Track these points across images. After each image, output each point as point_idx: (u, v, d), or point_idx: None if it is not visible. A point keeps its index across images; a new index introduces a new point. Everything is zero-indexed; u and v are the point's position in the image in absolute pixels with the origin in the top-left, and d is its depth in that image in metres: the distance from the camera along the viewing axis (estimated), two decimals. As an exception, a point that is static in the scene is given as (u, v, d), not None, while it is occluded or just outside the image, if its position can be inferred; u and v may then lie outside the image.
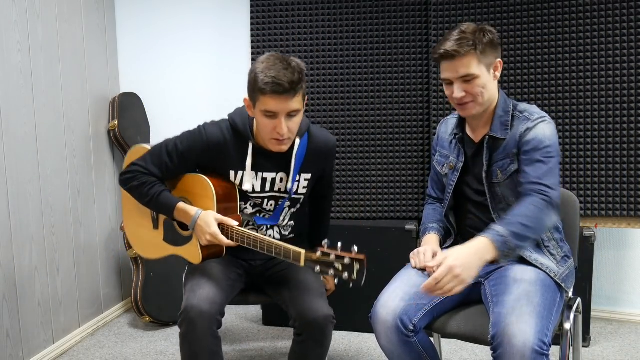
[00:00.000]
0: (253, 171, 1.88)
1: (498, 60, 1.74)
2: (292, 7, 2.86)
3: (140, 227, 2.08)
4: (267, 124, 1.73)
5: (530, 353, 1.46)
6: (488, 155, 1.77)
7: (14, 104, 2.37)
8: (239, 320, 3.04)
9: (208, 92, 3.14)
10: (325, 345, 1.84)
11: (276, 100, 1.67)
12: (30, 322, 2.47)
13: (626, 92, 2.52)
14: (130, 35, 3.16)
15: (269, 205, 1.95)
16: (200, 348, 1.73)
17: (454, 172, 1.86)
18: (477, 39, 1.67)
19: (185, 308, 1.72)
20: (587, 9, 2.53)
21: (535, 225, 1.60)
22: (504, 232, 1.57)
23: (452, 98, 1.73)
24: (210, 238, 1.78)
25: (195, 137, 1.86)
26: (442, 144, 1.95)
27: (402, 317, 1.64)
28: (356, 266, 1.53)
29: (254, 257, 2.00)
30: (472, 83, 1.69)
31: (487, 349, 1.56)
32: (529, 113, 1.76)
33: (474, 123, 1.83)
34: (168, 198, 1.87)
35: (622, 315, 2.90)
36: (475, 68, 1.67)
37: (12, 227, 2.36)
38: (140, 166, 1.90)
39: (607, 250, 2.88)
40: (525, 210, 1.62)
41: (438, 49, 1.70)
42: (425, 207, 2.04)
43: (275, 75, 1.65)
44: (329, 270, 1.56)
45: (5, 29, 2.32)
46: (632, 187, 2.56)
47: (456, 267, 1.51)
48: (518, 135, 1.73)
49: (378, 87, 2.83)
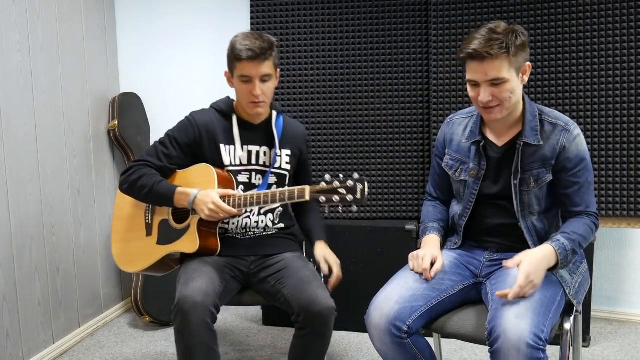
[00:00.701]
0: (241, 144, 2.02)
1: (527, 64, 1.67)
2: (292, 7, 2.86)
3: (130, 241, 2.09)
4: (244, 89, 1.94)
5: (525, 347, 1.46)
6: (520, 162, 1.72)
7: (14, 104, 2.37)
8: (239, 320, 3.04)
9: (208, 92, 3.12)
10: (327, 338, 1.86)
11: (250, 64, 1.89)
12: (30, 322, 2.47)
13: (626, 92, 2.52)
14: (130, 35, 3.16)
15: (257, 180, 2.04)
16: (194, 342, 1.72)
17: (476, 180, 1.80)
18: (509, 41, 1.58)
19: (178, 300, 1.73)
20: (587, 9, 2.53)
21: (586, 243, 1.70)
22: (568, 246, 1.64)
23: (478, 101, 1.66)
24: (212, 207, 1.84)
25: (185, 124, 2.04)
26: (454, 146, 1.86)
27: (395, 320, 1.64)
28: (359, 186, 1.73)
29: (249, 253, 2.02)
30: (501, 87, 1.61)
31: (487, 349, 1.56)
32: (562, 121, 1.72)
33: (498, 127, 1.76)
34: (166, 185, 1.97)
35: (622, 315, 2.90)
36: (506, 72, 1.60)
37: (12, 227, 2.36)
38: (138, 161, 2.02)
39: (607, 250, 2.88)
40: (583, 230, 1.69)
41: (466, 47, 1.61)
42: (425, 204, 2.01)
43: (249, 43, 1.89)
44: (334, 197, 1.75)
45: (5, 29, 2.33)
46: (632, 187, 2.56)
47: (531, 273, 1.56)
48: (559, 147, 1.69)
49: (378, 87, 2.83)
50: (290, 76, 2.89)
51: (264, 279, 1.98)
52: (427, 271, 1.73)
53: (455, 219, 1.89)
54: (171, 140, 2.01)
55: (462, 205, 1.86)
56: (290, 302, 1.84)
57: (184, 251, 1.95)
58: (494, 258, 1.83)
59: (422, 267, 1.74)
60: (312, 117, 2.89)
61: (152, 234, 2.04)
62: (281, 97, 2.90)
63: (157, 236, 2.02)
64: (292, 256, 2.03)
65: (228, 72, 2.00)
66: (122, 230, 2.11)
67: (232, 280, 1.95)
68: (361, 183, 1.73)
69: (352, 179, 1.74)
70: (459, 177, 1.85)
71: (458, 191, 1.88)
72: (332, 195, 1.75)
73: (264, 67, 1.91)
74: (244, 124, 2.05)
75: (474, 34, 1.63)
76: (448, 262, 1.82)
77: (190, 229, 1.94)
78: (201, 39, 3.11)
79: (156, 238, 2.02)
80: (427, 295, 1.71)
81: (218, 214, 1.86)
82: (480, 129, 1.81)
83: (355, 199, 1.73)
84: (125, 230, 2.11)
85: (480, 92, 1.64)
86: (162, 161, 2.00)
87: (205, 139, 2.00)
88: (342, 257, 2.67)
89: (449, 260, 1.83)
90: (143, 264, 2.04)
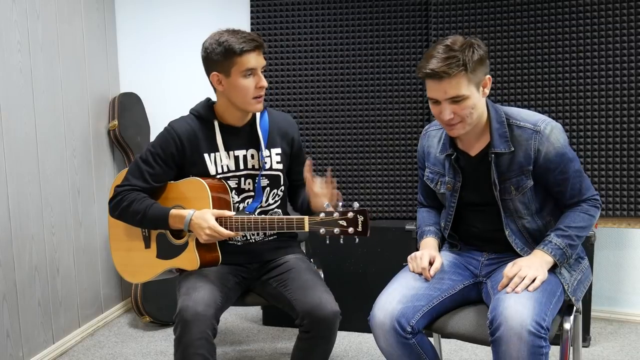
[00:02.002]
0: (225, 151, 1.94)
1: (487, 77, 1.65)
2: (292, 7, 2.86)
3: (130, 251, 2.04)
4: (248, 84, 1.84)
5: (527, 334, 1.46)
6: (496, 173, 1.71)
7: (14, 104, 2.37)
8: (239, 320, 3.04)
9: (208, 92, 3.13)
10: (331, 342, 1.85)
11: (253, 54, 1.82)
12: (30, 322, 2.47)
13: (626, 92, 2.52)
14: (130, 35, 3.16)
15: (247, 184, 1.97)
16: (193, 352, 1.69)
17: (453, 193, 1.81)
18: (466, 58, 1.56)
19: (180, 310, 1.71)
20: (587, 9, 2.53)
21: (586, 232, 1.70)
22: (562, 244, 1.66)
23: (440, 118, 1.66)
24: (209, 232, 1.78)
25: (165, 137, 1.92)
26: (431, 159, 1.86)
27: (399, 319, 1.64)
28: (360, 218, 1.65)
29: (250, 261, 2.00)
30: (462, 104, 1.60)
31: (487, 349, 1.56)
32: (529, 123, 1.68)
33: (467, 138, 1.75)
34: (159, 209, 1.88)
35: (622, 315, 2.90)
36: (465, 89, 1.58)
37: (12, 227, 2.36)
38: (124, 186, 1.92)
39: (607, 250, 2.88)
40: (579, 219, 1.70)
41: (423, 67, 1.59)
42: (419, 211, 2.01)
43: (244, 36, 1.82)
44: (334, 229, 1.67)
45: (5, 29, 2.33)
46: (632, 187, 2.56)
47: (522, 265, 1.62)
48: (533, 152, 1.66)
49: (378, 87, 2.83)
50: (290, 76, 2.89)
51: (265, 281, 1.97)
52: (426, 270, 1.74)
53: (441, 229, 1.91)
54: (154, 157, 1.90)
55: (445, 215, 1.87)
56: (294, 305, 1.82)
57: (185, 268, 1.91)
58: (492, 257, 1.84)
59: (421, 267, 1.75)
60: (312, 117, 2.89)
61: (151, 247, 1.99)
62: (281, 97, 2.90)
63: (156, 250, 1.98)
64: (295, 258, 2.00)
65: (218, 74, 1.86)
66: (121, 239, 2.06)
67: (233, 287, 1.93)
68: (362, 214, 1.64)
69: (352, 210, 1.65)
70: (440, 189, 1.85)
71: (442, 202, 1.90)
72: (333, 228, 1.67)
73: (263, 59, 1.87)
74: (226, 129, 1.94)
75: (431, 51, 1.61)
76: (447, 262, 1.83)
77: (189, 246, 1.89)
78: (201, 39, 3.07)
79: (155, 252, 1.98)
80: (429, 295, 1.71)
81: (215, 238, 1.80)
82: (452, 141, 1.79)
83: (357, 232, 1.65)
84: (123, 239, 2.05)
85: (441, 109, 1.63)
86: (148, 182, 1.90)
87: (188, 150, 1.90)
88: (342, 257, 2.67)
89: (448, 261, 1.84)
90: (146, 276, 2.02)
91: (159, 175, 1.91)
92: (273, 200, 2.01)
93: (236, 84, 1.85)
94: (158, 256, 1.97)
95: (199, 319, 1.69)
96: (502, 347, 1.50)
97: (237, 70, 1.83)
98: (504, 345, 1.49)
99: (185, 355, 1.70)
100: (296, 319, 1.82)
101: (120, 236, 2.05)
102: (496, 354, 1.53)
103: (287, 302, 1.86)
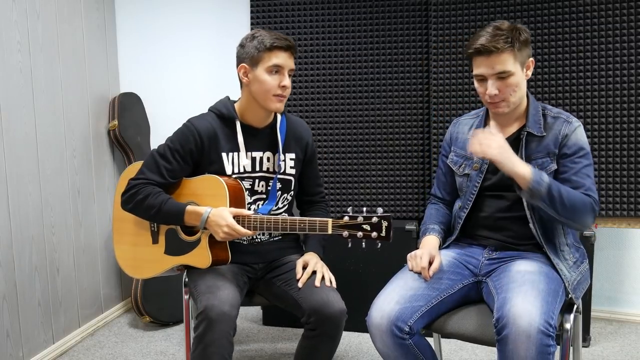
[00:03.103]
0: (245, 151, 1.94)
1: (531, 60, 1.75)
2: (292, 7, 2.86)
3: (136, 246, 2.02)
4: (272, 80, 1.85)
5: (536, 333, 1.46)
6: (525, 150, 1.77)
7: (14, 104, 2.37)
8: (239, 320, 3.01)
9: (208, 92, 3.14)
10: (337, 340, 1.85)
11: (284, 54, 1.84)
12: (30, 322, 2.47)
13: (626, 92, 2.52)
14: (130, 35, 3.16)
15: (260, 187, 1.97)
16: (213, 352, 1.68)
17: (479, 173, 1.84)
18: (513, 36, 1.67)
19: (206, 308, 1.69)
20: (587, 9, 2.53)
21: (570, 207, 1.64)
22: (547, 181, 1.61)
23: (485, 95, 1.73)
24: (227, 230, 1.79)
25: (185, 133, 1.91)
26: (459, 143, 1.92)
27: (396, 320, 1.64)
28: (384, 224, 1.67)
29: (257, 261, 2.00)
30: (507, 81, 1.69)
31: (487, 349, 1.56)
32: (563, 115, 1.78)
33: (503, 120, 1.83)
34: (175, 205, 1.88)
35: (622, 315, 2.90)
36: (511, 65, 1.68)
37: (12, 227, 2.36)
38: (140, 179, 1.91)
39: (607, 250, 2.88)
40: (576, 195, 1.67)
41: (473, 43, 1.69)
42: (428, 207, 2.03)
43: (279, 35, 1.85)
44: (357, 233, 1.69)
45: (5, 29, 2.33)
46: (632, 187, 2.56)
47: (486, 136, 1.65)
48: (561, 136, 1.74)
49: (378, 87, 2.83)
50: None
51: (269, 280, 1.98)
52: (425, 270, 1.74)
53: (456, 212, 1.92)
54: (173, 153, 1.89)
55: (464, 198, 1.88)
56: (300, 304, 1.82)
57: (195, 265, 1.91)
58: (493, 257, 1.83)
59: (420, 266, 1.75)
60: (313, 117, 2.89)
61: (159, 242, 1.98)
62: (281, 97, 2.90)
63: (164, 245, 1.97)
64: (299, 258, 2.00)
65: (246, 65, 1.87)
66: (126, 233, 2.05)
67: (244, 286, 1.94)
68: (386, 220, 1.68)
69: (376, 215, 1.68)
70: (463, 171, 1.88)
71: (461, 186, 1.91)
72: (356, 231, 1.70)
73: (292, 61, 1.88)
74: (247, 129, 1.95)
75: (479, 32, 1.72)
76: (447, 261, 1.83)
77: (201, 243, 1.88)
78: (201, 39, 3.11)
79: (164, 247, 1.97)
80: (428, 295, 1.71)
81: (233, 236, 1.81)
82: (485, 124, 1.86)
83: (380, 237, 1.69)
84: (129, 232, 2.04)
85: (487, 86, 1.71)
86: (165, 178, 1.89)
87: (207, 147, 1.90)
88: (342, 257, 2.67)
89: (448, 260, 1.84)
90: (151, 272, 2.01)
91: (175, 171, 1.91)
92: (282, 204, 2.02)
93: (261, 78, 1.85)
94: (166, 252, 1.96)
95: (225, 319, 1.69)
96: (509, 347, 1.49)
97: (264, 64, 1.84)
98: (511, 344, 1.48)
99: (205, 354, 1.69)
100: (302, 317, 1.82)
101: (126, 230, 2.04)
102: (502, 354, 1.51)
103: (293, 301, 1.86)
